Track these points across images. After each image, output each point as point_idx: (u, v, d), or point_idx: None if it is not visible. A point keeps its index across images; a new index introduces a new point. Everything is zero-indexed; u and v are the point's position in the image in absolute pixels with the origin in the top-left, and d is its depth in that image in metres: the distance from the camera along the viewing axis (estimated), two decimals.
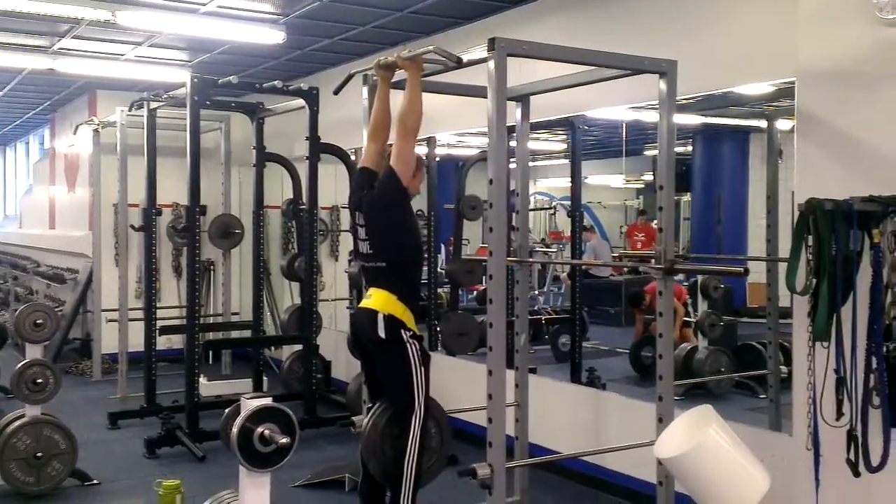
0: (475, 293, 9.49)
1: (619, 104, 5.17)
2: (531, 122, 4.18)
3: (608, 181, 12.22)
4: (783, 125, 4.88)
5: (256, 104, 7.15)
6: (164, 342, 7.29)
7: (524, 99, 4.10)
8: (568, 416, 5.14)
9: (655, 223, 3.50)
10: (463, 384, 5.45)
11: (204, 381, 7.05)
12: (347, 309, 7.24)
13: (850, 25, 3.08)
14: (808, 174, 3.25)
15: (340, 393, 6.86)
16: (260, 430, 2.57)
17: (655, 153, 3.47)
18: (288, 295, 8.44)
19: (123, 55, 7.51)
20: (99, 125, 8.15)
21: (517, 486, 3.98)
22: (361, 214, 3.71)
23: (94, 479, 5.08)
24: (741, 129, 8.59)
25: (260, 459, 2.59)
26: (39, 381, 4.82)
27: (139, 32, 6.68)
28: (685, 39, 4.36)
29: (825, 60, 3.19)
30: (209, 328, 8.11)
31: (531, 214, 9.94)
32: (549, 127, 7.48)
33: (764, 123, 5.07)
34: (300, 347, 6.84)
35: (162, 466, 5.49)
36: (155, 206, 6.84)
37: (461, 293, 8.30)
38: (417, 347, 3.59)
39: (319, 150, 6.29)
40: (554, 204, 12.90)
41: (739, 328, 7.47)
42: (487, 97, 2.98)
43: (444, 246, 9.10)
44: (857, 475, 2.84)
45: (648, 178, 10.70)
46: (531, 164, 4.44)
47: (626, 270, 9.70)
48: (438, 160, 7.23)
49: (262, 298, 7.32)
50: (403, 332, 3.56)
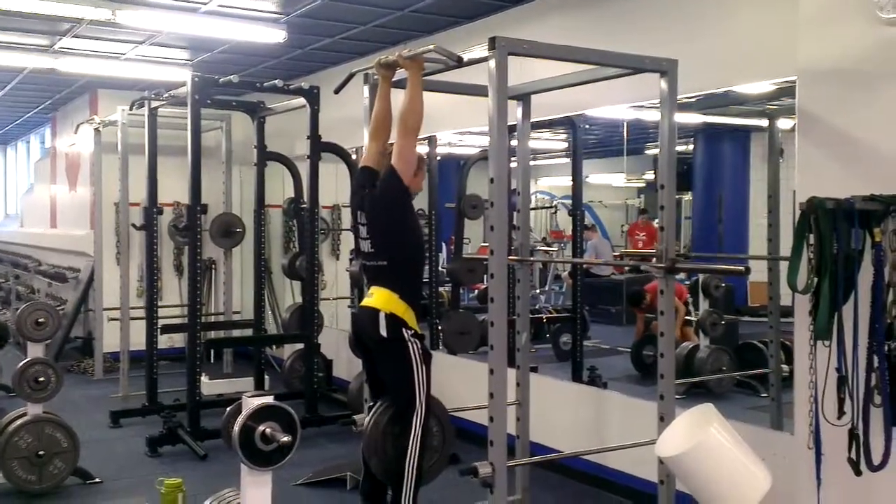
0: (476, 292, 9.49)
1: (620, 103, 5.17)
2: (532, 120, 4.17)
3: (609, 180, 12.23)
4: (784, 124, 4.88)
5: (257, 103, 7.15)
6: (165, 341, 7.31)
7: (525, 98, 4.10)
8: (569, 414, 5.14)
9: (656, 222, 3.50)
10: (464, 383, 5.46)
11: (205, 379, 7.05)
12: (349, 308, 7.24)
13: (850, 25, 3.08)
14: (809, 173, 3.25)
15: (342, 392, 6.86)
16: (261, 428, 2.57)
17: (656, 152, 3.47)
18: (289, 294, 8.45)
19: (124, 54, 7.51)
20: (100, 124, 8.14)
21: (518, 484, 3.97)
22: (363, 213, 3.71)
23: (95, 477, 5.09)
24: (742, 128, 8.59)
25: (261, 458, 2.59)
26: (41, 379, 4.83)
27: (140, 32, 6.68)
28: (686, 38, 4.36)
29: (826, 59, 3.19)
30: (210, 327, 8.12)
31: (532, 213, 9.93)
32: (550, 126, 7.48)
33: (765, 122, 5.06)
34: (301, 346, 6.84)
35: (164, 465, 5.49)
36: (156, 204, 6.85)
37: (462, 292, 8.31)
38: (419, 346, 3.59)
39: (320, 148, 6.29)
40: (555, 203, 12.91)
41: (741, 327, 7.47)
42: (488, 96, 2.98)
43: (445, 245, 9.12)
44: (858, 474, 2.84)
45: (649, 176, 10.72)
46: (532, 162, 4.44)
47: (627, 269, 9.70)
48: (439, 159, 7.24)
49: (263, 297, 7.32)
50: (405, 330, 3.57)
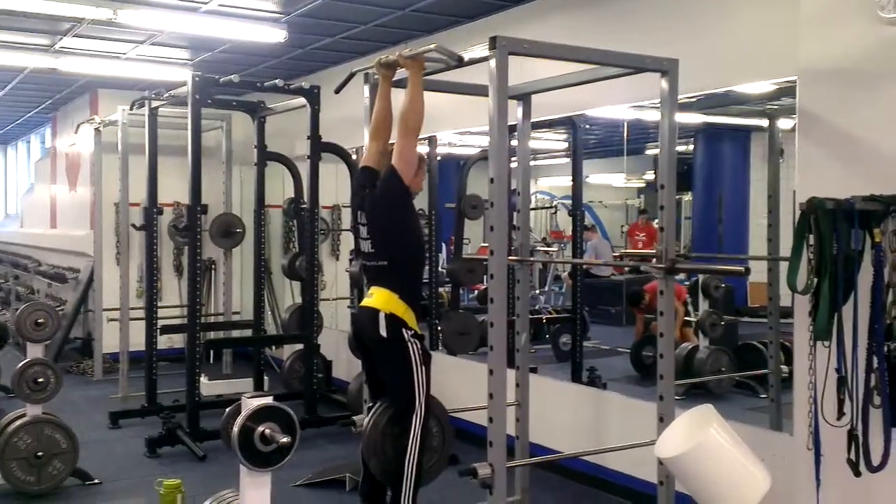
0: (476, 292, 9.48)
1: (620, 103, 5.16)
2: (532, 120, 4.17)
3: (609, 180, 12.20)
4: (784, 124, 4.88)
5: (258, 103, 7.15)
6: (165, 341, 7.30)
7: (525, 97, 4.10)
8: (569, 415, 5.14)
9: (656, 222, 3.50)
10: (464, 383, 5.46)
11: (205, 380, 7.05)
12: (348, 308, 7.24)
13: (851, 24, 3.08)
14: (809, 173, 3.25)
15: (341, 392, 6.86)
16: (261, 429, 2.57)
17: (657, 152, 3.46)
18: (289, 294, 8.45)
19: (125, 54, 7.50)
20: (100, 124, 8.14)
21: (518, 485, 3.97)
22: (363, 213, 3.71)
23: (95, 478, 5.09)
24: (742, 128, 8.58)
25: (261, 459, 2.59)
26: (40, 380, 4.83)
27: (140, 31, 6.68)
28: (686, 38, 4.36)
29: (826, 59, 3.19)
30: (210, 327, 8.12)
31: (532, 213, 9.93)
32: (550, 126, 7.47)
33: (765, 122, 5.06)
34: (301, 347, 6.84)
35: (163, 466, 5.49)
36: (156, 205, 6.85)
37: (462, 292, 8.31)
38: (419, 346, 3.59)
39: (321, 148, 6.29)
40: (555, 203, 12.89)
41: (740, 328, 7.46)
42: (489, 96, 2.98)
43: (445, 245, 9.11)
44: (857, 475, 2.84)
45: (650, 177, 10.69)
46: (532, 162, 4.44)
47: (627, 270, 9.69)
48: (440, 159, 7.23)
49: (263, 298, 7.31)
50: (405, 330, 3.56)
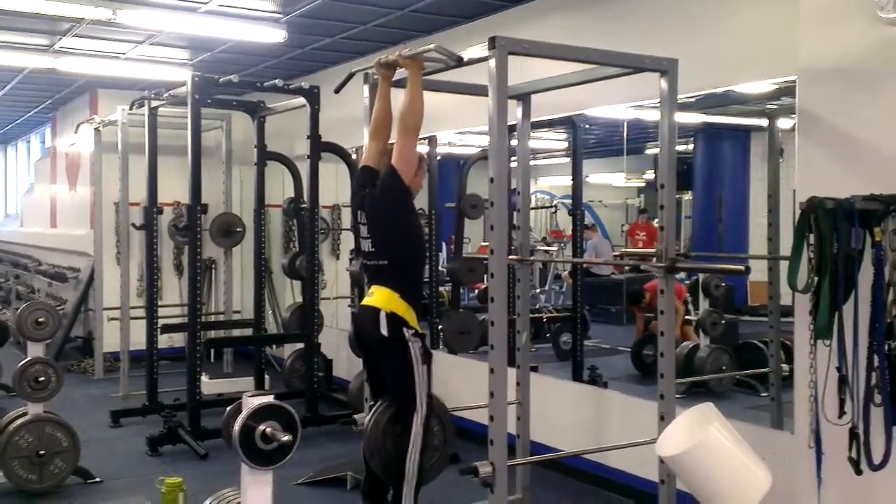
0: (476, 291, 9.49)
1: (620, 103, 5.16)
2: (532, 120, 4.17)
3: (609, 180, 12.21)
4: (784, 124, 4.88)
5: (257, 103, 7.15)
6: (165, 340, 7.31)
7: (525, 97, 4.10)
8: (569, 414, 5.14)
9: (657, 222, 3.50)
10: (464, 382, 5.46)
11: (205, 379, 7.04)
12: (349, 307, 7.24)
13: (851, 24, 3.08)
14: (809, 173, 3.25)
15: (342, 391, 6.86)
16: (262, 427, 2.57)
17: (657, 152, 3.46)
18: (289, 293, 8.45)
19: (124, 54, 7.50)
20: (100, 124, 8.14)
21: (519, 484, 3.98)
22: (363, 213, 3.72)
23: (96, 476, 5.09)
24: (742, 127, 8.59)
25: (262, 457, 2.59)
26: (41, 379, 4.83)
27: (140, 31, 6.68)
28: (686, 38, 4.36)
29: (826, 59, 3.19)
30: (211, 326, 8.12)
31: (532, 213, 9.94)
32: (550, 125, 7.47)
33: (765, 122, 5.06)
34: (302, 346, 6.84)
35: (164, 464, 5.49)
36: (156, 204, 6.86)
37: (462, 291, 8.31)
38: (419, 345, 3.59)
39: (320, 148, 6.29)
40: (555, 202, 12.90)
41: (741, 326, 7.47)
42: (488, 96, 2.98)
43: (445, 244, 9.11)
44: (859, 473, 2.85)
45: (649, 176, 10.70)
46: (532, 162, 4.44)
47: (627, 269, 9.69)
48: (439, 159, 7.23)
49: (263, 297, 7.31)
50: (405, 330, 3.57)
